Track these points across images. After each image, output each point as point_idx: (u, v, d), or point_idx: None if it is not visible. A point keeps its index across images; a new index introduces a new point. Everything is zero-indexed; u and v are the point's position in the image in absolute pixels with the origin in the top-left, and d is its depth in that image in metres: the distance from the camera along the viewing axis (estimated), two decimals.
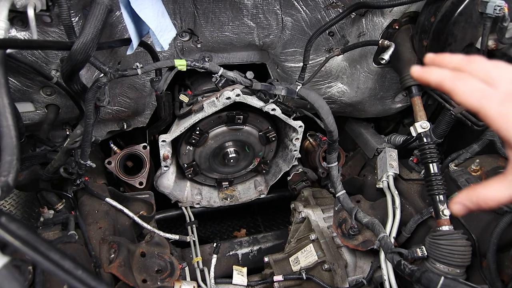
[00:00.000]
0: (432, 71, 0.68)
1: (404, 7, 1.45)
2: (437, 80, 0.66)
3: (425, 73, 0.69)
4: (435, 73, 0.67)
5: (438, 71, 0.67)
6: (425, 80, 0.69)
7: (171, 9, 1.40)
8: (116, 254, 1.38)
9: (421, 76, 0.69)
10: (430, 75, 0.68)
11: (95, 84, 1.16)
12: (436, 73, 0.67)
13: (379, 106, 1.91)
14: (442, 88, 0.66)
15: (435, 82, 0.67)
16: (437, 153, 1.38)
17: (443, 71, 0.67)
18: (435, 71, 0.67)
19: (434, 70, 0.68)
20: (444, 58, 0.69)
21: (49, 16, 1.14)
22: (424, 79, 0.69)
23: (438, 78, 0.66)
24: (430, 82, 0.68)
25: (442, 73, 0.66)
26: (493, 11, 1.19)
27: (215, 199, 2.14)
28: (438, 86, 0.66)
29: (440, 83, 0.66)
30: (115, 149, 1.86)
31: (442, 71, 0.67)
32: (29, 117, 1.42)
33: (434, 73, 0.67)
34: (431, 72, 0.68)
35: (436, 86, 0.67)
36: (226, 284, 1.68)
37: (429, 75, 0.68)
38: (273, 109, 1.68)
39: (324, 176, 2.19)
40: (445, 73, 0.66)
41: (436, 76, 0.67)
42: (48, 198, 1.58)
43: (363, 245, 1.52)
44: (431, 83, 0.67)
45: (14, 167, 0.71)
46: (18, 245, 0.52)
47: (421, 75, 0.69)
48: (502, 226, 1.24)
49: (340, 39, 1.63)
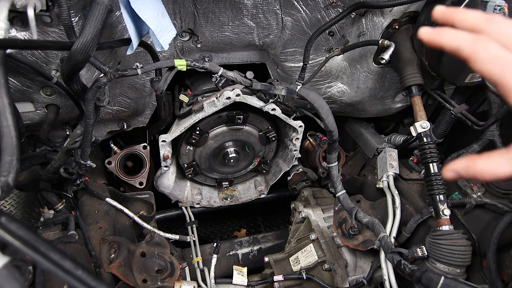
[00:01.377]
0: (446, 32, 0.57)
1: (404, 7, 1.45)
2: (453, 43, 0.56)
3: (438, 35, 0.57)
4: (450, 34, 0.56)
5: (454, 33, 0.56)
6: (437, 43, 0.58)
7: (171, 9, 1.40)
8: (116, 254, 1.38)
9: (431, 38, 0.58)
10: (443, 37, 0.57)
11: (95, 84, 1.16)
12: (451, 35, 0.56)
13: (379, 106, 1.91)
14: (459, 53, 0.56)
15: (451, 46, 0.56)
16: (437, 153, 1.38)
17: (459, 33, 0.56)
18: (450, 33, 0.57)
19: (448, 31, 0.57)
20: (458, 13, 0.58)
21: (49, 16, 1.14)
22: (437, 41, 0.58)
23: (454, 41, 0.56)
24: (444, 45, 0.57)
25: (458, 35, 0.56)
26: (493, 11, 1.19)
27: (215, 199, 2.14)
28: (454, 50, 0.56)
29: (457, 48, 0.56)
30: (115, 149, 1.86)
31: (459, 33, 0.56)
32: (29, 117, 1.42)
33: (449, 34, 0.56)
34: (444, 34, 0.57)
35: (451, 50, 0.56)
36: (226, 284, 1.68)
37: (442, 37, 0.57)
38: (273, 109, 1.68)
39: (324, 176, 2.19)
40: (463, 35, 0.56)
41: (452, 39, 0.56)
42: (48, 198, 1.58)
43: (363, 245, 1.52)
44: (446, 47, 0.57)
45: (14, 167, 0.71)
46: (18, 245, 0.52)
47: (432, 37, 0.58)
48: (502, 226, 1.25)
49: (340, 39, 1.63)
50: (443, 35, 0.57)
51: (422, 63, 1.48)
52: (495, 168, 0.55)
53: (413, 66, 1.48)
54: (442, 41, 0.57)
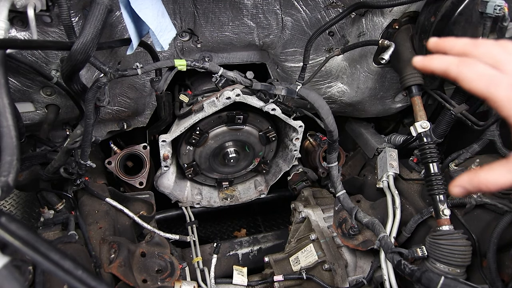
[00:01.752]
0: (435, 58, 0.64)
1: (404, 7, 1.45)
2: (442, 67, 0.63)
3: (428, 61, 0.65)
4: (438, 60, 0.64)
5: (442, 58, 0.64)
6: (428, 69, 0.66)
7: (171, 9, 1.40)
8: (116, 254, 1.38)
9: (424, 65, 0.66)
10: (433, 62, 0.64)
11: (95, 84, 1.16)
12: (439, 60, 0.64)
13: (379, 106, 1.91)
14: (448, 75, 0.63)
15: (440, 69, 0.64)
16: (437, 153, 1.38)
17: (447, 58, 0.64)
18: (439, 58, 0.64)
19: (437, 57, 0.64)
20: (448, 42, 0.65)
21: (49, 16, 1.14)
22: (428, 67, 0.66)
23: (442, 65, 0.63)
24: (435, 70, 0.64)
25: (446, 59, 0.63)
26: (493, 11, 1.19)
27: (215, 199, 2.14)
28: (443, 73, 0.63)
29: (445, 70, 0.63)
30: (115, 149, 1.86)
31: (446, 58, 0.64)
32: (29, 117, 1.42)
33: (438, 60, 0.64)
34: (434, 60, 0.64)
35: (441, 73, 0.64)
36: (226, 284, 1.68)
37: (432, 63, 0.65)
38: (273, 109, 1.68)
39: (324, 176, 2.19)
40: (450, 59, 0.63)
41: (440, 63, 0.63)
42: (48, 198, 1.58)
43: (363, 245, 1.52)
44: (436, 71, 0.64)
45: (14, 167, 0.71)
46: (18, 245, 0.52)
47: (424, 64, 0.66)
48: (502, 226, 1.25)
49: (340, 39, 1.63)
50: (433, 61, 0.65)
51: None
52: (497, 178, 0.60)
53: (413, 66, 1.48)
54: (432, 66, 0.65)
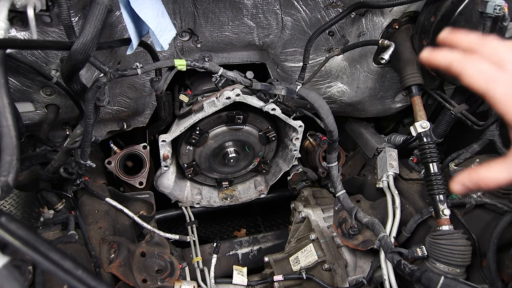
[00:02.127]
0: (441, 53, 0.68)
1: (404, 6, 1.45)
2: (445, 62, 0.66)
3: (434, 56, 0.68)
4: (443, 55, 0.67)
5: (447, 53, 0.67)
6: (433, 63, 0.68)
7: (171, 9, 1.40)
8: (116, 254, 1.38)
9: (429, 59, 0.69)
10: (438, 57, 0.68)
11: (95, 84, 1.16)
12: (444, 55, 0.67)
13: (379, 105, 1.91)
14: (451, 70, 0.65)
15: (444, 64, 0.67)
16: (437, 153, 1.38)
17: (451, 53, 0.66)
18: (444, 53, 0.67)
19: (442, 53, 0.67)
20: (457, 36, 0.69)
21: (49, 16, 1.14)
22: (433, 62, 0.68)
23: (446, 61, 0.66)
24: (439, 65, 0.67)
25: (450, 55, 0.66)
26: (493, 10, 1.19)
27: (215, 199, 2.14)
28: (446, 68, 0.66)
29: (448, 65, 0.66)
30: (115, 149, 1.86)
31: (451, 53, 0.66)
32: (29, 117, 1.42)
33: (443, 55, 0.67)
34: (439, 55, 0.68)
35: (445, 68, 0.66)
36: (226, 284, 1.68)
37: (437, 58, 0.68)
38: (273, 109, 1.68)
39: (324, 176, 2.19)
40: (454, 55, 0.66)
41: (444, 58, 0.67)
42: (48, 198, 1.58)
43: (363, 244, 1.52)
44: (440, 66, 0.67)
45: (14, 167, 0.71)
46: (18, 245, 0.52)
47: (429, 58, 0.69)
48: (502, 226, 1.25)
49: (340, 38, 1.63)
50: (438, 56, 0.68)
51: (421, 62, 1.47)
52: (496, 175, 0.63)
53: (413, 66, 1.48)
54: (437, 61, 0.68)
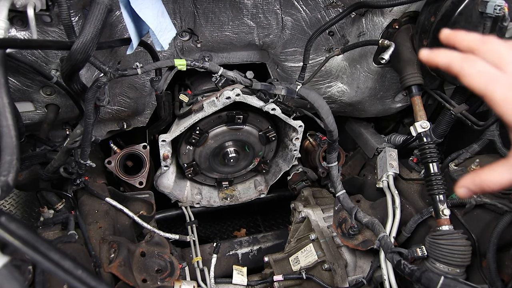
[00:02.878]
0: (441, 52, 0.67)
1: (404, 6, 1.45)
2: (445, 61, 0.66)
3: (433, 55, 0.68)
4: (443, 54, 0.67)
5: (447, 53, 0.66)
6: (433, 62, 0.68)
7: (171, 8, 1.40)
8: (116, 254, 1.38)
9: (429, 58, 0.69)
10: (438, 56, 0.67)
11: (95, 83, 1.16)
12: (444, 55, 0.66)
13: (379, 105, 1.91)
14: (450, 70, 0.65)
15: (443, 64, 0.66)
16: (437, 153, 1.38)
17: (451, 53, 0.66)
18: (444, 53, 0.67)
19: (442, 52, 0.67)
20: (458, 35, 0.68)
21: (49, 15, 1.14)
22: (432, 61, 0.68)
23: (446, 60, 0.66)
24: (438, 64, 0.67)
25: (450, 55, 0.66)
26: (493, 10, 1.19)
27: (215, 199, 2.14)
28: (446, 68, 0.66)
29: (448, 65, 0.65)
30: (115, 148, 1.86)
31: (451, 53, 0.66)
32: (29, 116, 1.42)
33: (443, 54, 0.67)
34: (439, 54, 0.67)
35: (444, 67, 0.66)
36: (226, 284, 1.68)
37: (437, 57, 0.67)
38: (273, 108, 1.68)
39: (324, 175, 2.19)
40: (454, 55, 0.66)
41: (444, 58, 0.66)
42: (48, 198, 1.58)
43: (363, 244, 1.52)
44: (439, 65, 0.67)
45: (14, 166, 0.71)
46: (18, 245, 0.52)
47: (429, 57, 0.69)
48: (502, 226, 1.25)
49: (340, 38, 1.63)
50: (438, 55, 0.68)
51: (422, 63, 1.47)
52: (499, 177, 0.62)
53: (413, 66, 1.48)
54: (437, 60, 0.68)
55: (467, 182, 0.66)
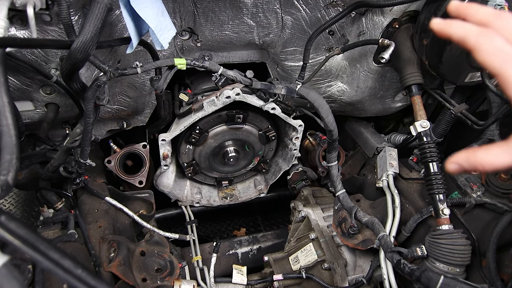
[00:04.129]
0: (455, 23, 0.62)
1: (404, 6, 1.45)
2: (460, 34, 0.61)
3: (447, 26, 0.63)
4: (458, 26, 0.62)
5: (462, 24, 0.62)
6: (446, 33, 0.63)
7: (171, 8, 1.40)
8: (116, 253, 1.38)
9: (442, 28, 0.64)
10: (452, 27, 0.62)
11: (95, 83, 1.16)
12: (459, 26, 0.62)
13: (379, 105, 1.91)
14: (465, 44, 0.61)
15: (458, 36, 0.61)
16: (437, 152, 1.38)
17: (467, 25, 0.61)
18: (458, 24, 0.62)
19: (457, 23, 0.62)
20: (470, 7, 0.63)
21: (49, 15, 1.14)
22: (446, 32, 0.63)
23: (461, 32, 0.61)
24: (452, 36, 0.62)
25: (466, 26, 0.61)
26: None
27: (215, 198, 2.14)
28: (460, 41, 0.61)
29: (463, 38, 0.61)
30: (115, 148, 1.85)
31: (466, 25, 0.61)
32: (29, 116, 1.42)
33: (457, 26, 0.62)
34: (453, 25, 0.62)
35: (458, 40, 0.62)
36: (225, 283, 1.68)
37: (451, 28, 0.62)
38: (273, 108, 1.67)
39: (324, 175, 2.19)
40: (469, 27, 0.61)
41: (459, 30, 0.61)
42: (47, 197, 1.58)
43: (362, 244, 1.52)
44: (453, 37, 0.62)
45: (13, 166, 0.71)
46: (18, 244, 0.52)
47: (442, 28, 0.64)
48: (502, 225, 1.25)
49: (340, 38, 1.63)
50: (452, 25, 0.62)
51: (422, 62, 1.48)
52: (494, 158, 0.59)
53: (413, 65, 1.48)
54: (450, 31, 0.62)
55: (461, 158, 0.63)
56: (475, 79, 1.47)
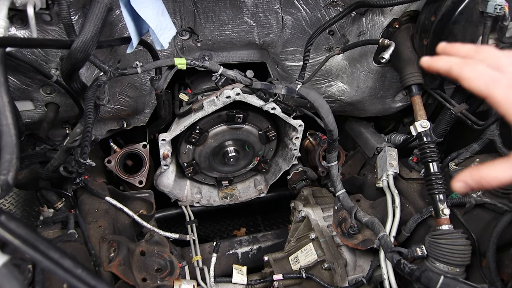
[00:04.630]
0: (441, 59, 0.71)
1: (404, 6, 1.45)
2: (446, 66, 0.69)
3: (434, 61, 0.72)
4: (443, 60, 0.70)
5: (447, 58, 0.70)
6: (434, 68, 0.72)
7: (171, 7, 1.40)
8: (116, 253, 1.38)
9: (430, 64, 0.72)
10: (438, 62, 0.71)
11: (95, 82, 1.16)
12: (444, 60, 0.70)
13: (379, 105, 1.91)
14: (451, 74, 0.68)
15: (444, 69, 0.70)
16: (437, 152, 1.38)
17: (451, 58, 0.70)
18: (444, 59, 0.70)
19: (442, 58, 0.71)
20: (454, 46, 0.72)
21: (49, 14, 1.14)
22: (433, 67, 0.71)
23: (446, 65, 0.69)
24: (439, 69, 0.70)
25: (450, 60, 0.69)
26: (494, 10, 1.19)
27: (215, 198, 2.14)
28: (446, 72, 0.69)
29: (448, 70, 0.69)
30: (115, 148, 1.85)
31: (450, 58, 0.70)
32: (29, 115, 1.42)
33: (443, 60, 0.70)
34: (439, 60, 0.71)
35: (445, 72, 0.69)
36: (225, 283, 1.68)
37: (437, 63, 0.71)
38: (273, 108, 1.67)
39: (324, 175, 2.19)
40: (453, 60, 0.69)
41: (444, 63, 0.70)
42: (48, 196, 1.58)
43: (363, 244, 1.52)
44: (440, 70, 0.70)
45: (13, 165, 0.71)
46: (18, 244, 0.52)
47: (430, 64, 0.72)
48: (502, 225, 1.25)
49: (340, 38, 1.63)
50: (439, 61, 0.71)
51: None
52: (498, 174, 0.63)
53: (413, 65, 1.48)
54: (437, 66, 0.71)
55: (466, 176, 0.66)
56: None
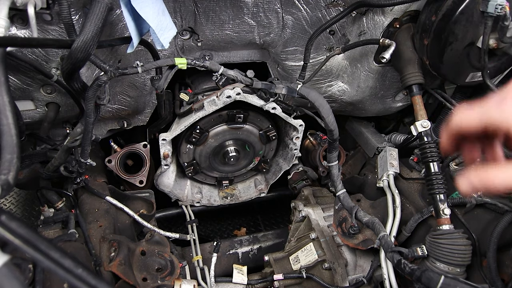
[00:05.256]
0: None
1: (405, 6, 1.45)
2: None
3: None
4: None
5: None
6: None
7: (172, 7, 1.40)
8: (116, 253, 1.38)
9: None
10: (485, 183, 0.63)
11: (96, 82, 1.16)
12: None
13: (379, 105, 1.91)
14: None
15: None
16: (437, 152, 1.38)
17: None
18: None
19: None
20: None
21: (49, 14, 1.14)
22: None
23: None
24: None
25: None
26: (494, 10, 1.19)
27: (215, 198, 2.14)
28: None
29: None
30: (115, 147, 1.85)
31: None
32: (29, 115, 1.42)
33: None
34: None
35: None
36: (226, 283, 1.68)
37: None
38: (273, 107, 1.67)
39: (324, 175, 2.19)
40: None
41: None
42: (48, 196, 1.59)
43: (363, 244, 1.52)
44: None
45: (14, 165, 0.71)
46: (18, 244, 0.52)
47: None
48: (503, 226, 1.24)
49: (341, 37, 1.63)
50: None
51: (422, 62, 1.47)
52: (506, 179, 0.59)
53: (413, 65, 1.48)
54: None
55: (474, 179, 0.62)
56: (476, 79, 1.47)
